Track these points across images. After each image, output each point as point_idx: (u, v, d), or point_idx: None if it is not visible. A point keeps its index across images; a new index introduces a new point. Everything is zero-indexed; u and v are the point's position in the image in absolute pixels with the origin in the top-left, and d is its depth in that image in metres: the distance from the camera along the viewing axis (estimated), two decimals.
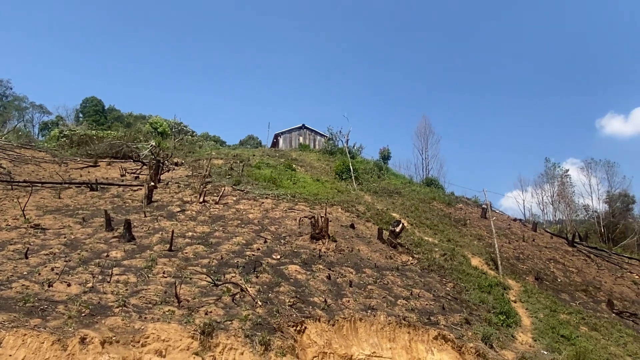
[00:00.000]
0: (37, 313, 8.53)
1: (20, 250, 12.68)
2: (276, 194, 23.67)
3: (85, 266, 12.10)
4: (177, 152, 35.90)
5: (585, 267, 26.51)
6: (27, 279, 10.41)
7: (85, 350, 7.75)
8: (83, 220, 16.91)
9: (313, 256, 16.62)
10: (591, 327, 18.06)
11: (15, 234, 14.17)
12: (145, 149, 30.79)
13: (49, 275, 10.93)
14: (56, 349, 7.53)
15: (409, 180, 42.62)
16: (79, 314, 8.96)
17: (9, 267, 10.94)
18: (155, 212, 19.15)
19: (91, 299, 9.96)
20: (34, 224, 15.38)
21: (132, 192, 22.60)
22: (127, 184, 23.97)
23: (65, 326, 8.21)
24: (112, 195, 21.77)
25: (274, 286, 13.28)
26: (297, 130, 46.98)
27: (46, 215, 17.18)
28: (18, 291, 9.38)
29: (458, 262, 20.82)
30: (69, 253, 13.08)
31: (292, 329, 11.20)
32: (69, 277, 11.01)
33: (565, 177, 50.86)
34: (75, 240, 14.47)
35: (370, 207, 25.68)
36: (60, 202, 19.55)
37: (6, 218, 15.72)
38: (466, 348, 13.24)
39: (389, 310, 13.93)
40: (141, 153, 30.55)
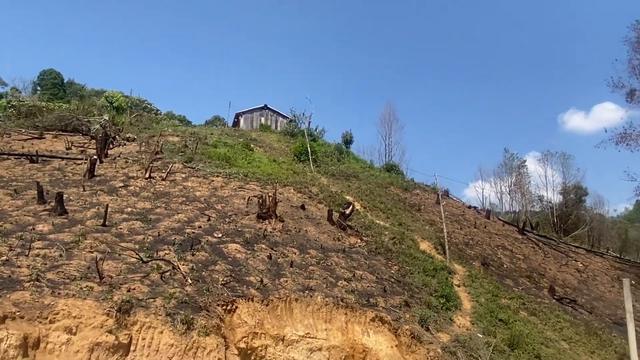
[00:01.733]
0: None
1: None
2: (228, 172, 23.13)
3: (4, 239, 11.42)
4: (132, 127, 34.72)
5: (532, 255, 27.17)
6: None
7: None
8: (15, 192, 16.04)
9: (257, 236, 16.27)
10: (530, 312, 18.47)
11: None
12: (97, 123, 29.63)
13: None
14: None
15: (369, 165, 42.66)
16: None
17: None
18: (96, 186, 18.37)
19: (2, 272, 9.35)
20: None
21: (76, 165, 21.64)
22: (71, 157, 22.93)
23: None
24: (53, 168, 20.80)
25: (209, 265, 12.89)
26: (259, 110, 46.17)
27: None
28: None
29: (407, 245, 20.89)
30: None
31: (221, 308, 10.87)
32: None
33: (522, 167, 52.00)
34: (0, 212, 13.66)
35: (324, 189, 25.46)
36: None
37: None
38: (402, 330, 13.25)
39: (327, 291, 13.77)
40: (92, 127, 29.37)
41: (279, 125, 45.64)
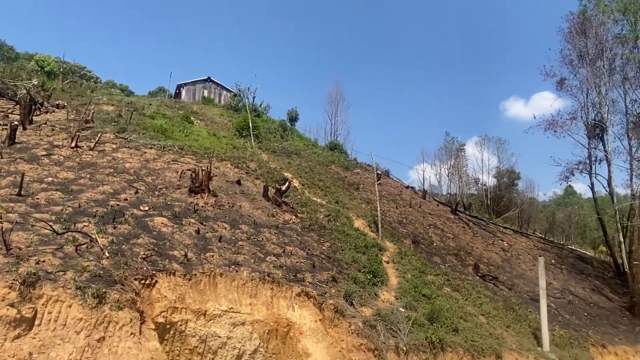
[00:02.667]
0: None
1: None
2: (162, 144, 22.42)
3: None
4: (64, 94, 32.80)
5: (462, 234, 28.34)
6: None
7: None
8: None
9: (187, 210, 15.95)
10: (454, 288, 19.33)
11: None
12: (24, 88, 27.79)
13: None
14: None
15: (313, 143, 42.63)
16: None
17: None
18: (15, 154, 17.30)
19: None
20: None
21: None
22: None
23: None
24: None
25: (131, 238, 12.53)
26: (202, 82, 44.77)
27: None
28: None
29: (341, 223, 21.18)
30: None
31: (138, 282, 10.62)
32: None
33: (460, 151, 53.69)
34: None
35: (263, 165, 25.26)
36: None
37: None
38: (326, 305, 13.51)
39: (255, 266, 13.77)
40: (19, 92, 27.51)
41: (223, 99, 44.56)
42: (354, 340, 12.75)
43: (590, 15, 32.66)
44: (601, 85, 32.04)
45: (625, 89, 31.51)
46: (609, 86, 31.91)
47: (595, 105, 33.03)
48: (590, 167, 33.68)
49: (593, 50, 32.44)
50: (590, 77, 32.43)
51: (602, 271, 33.32)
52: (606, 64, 31.91)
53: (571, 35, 33.70)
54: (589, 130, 33.36)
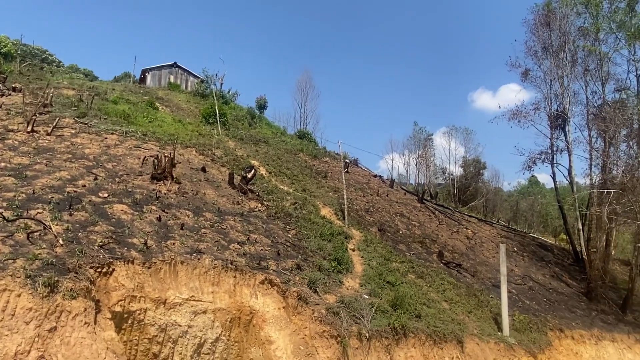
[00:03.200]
0: None
1: None
2: (125, 130, 21.80)
3: None
4: (21, 77, 31.43)
5: (428, 222, 28.74)
6: None
7: None
8: None
9: (149, 197, 15.57)
10: (418, 275, 19.59)
11: None
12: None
13: None
14: None
15: (282, 131, 42.33)
16: None
17: None
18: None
19: None
20: None
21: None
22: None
23: None
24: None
25: (88, 225, 12.13)
26: (168, 68, 43.70)
27: None
28: None
29: (307, 211, 21.12)
30: None
31: (94, 270, 10.29)
32: None
33: (428, 141, 54.41)
34: None
35: (229, 153, 24.90)
36: None
37: None
38: (290, 292, 13.44)
39: (218, 254, 13.57)
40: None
41: (190, 85, 43.65)
42: (317, 327, 12.75)
43: (554, 8, 33.35)
44: (564, 76, 32.87)
45: (586, 81, 32.39)
46: (571, 78, 32.77)
47: (557, 96, 33.88)
48: (552, 157, 34.62)
49: (556, 42, 33.19)
50: (554, 69, 33.20)
51: (561, 258, 34.45)
52: (569, 56, 32.71)
53: (536, 27, 34.36)
54: (551, 121, 34.22)
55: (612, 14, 30.09)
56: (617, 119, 27.05)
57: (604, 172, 28.81)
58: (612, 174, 28.23)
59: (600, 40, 31.53)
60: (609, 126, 27.63)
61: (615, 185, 26.42)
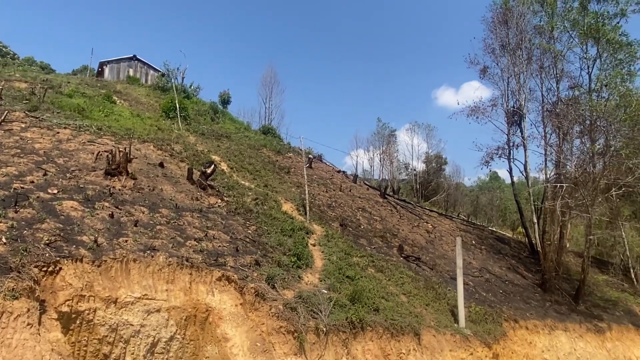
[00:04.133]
0: None
1: None
2: (78, 124, 21.09)
3: None
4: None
5: (389, 217, 29.07)
6: None
7: None
8: None
9: (102, 193, 15.11)
10: (378, 269, 19.78)
11: None
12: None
13: None
14: None
15: (245, 126, 41.93)
16: None
17: None
18: None
19: None
20: None
21: None
22: None
23: None
24: None
25: (34, 223, 11.67)
26: (127, 61, 42.58)
27: None
28: None
29: (269, 206, 20.99)
30: None
31: (38, 269, 9.91)
32: None
33: (391, 137, 54.96)
34: None
35: (189, 148, 24.46)
36: None
37: None
38: (247, 289, 13.33)
39: (173, 251, 13.31)
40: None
41: (150, 78, 42.68)
42: (274, 324, 12.69)
43: (512, 6, 34.23)
44: (520, 74, 33.83)
45: (542, 78, 33.42)
46: (527, 75, 33.76)
47: (514, 93, 34.86)
48: (509, 152, 35.62)
49: (514, 40, 34.10)
50: (511, 66, 34.13)
51: (518, 251, 35.51)
52: (525, 54, 33.66)
53: (494, 25, 35.20)
54: (508, 117, 35.18)
55: (566, 13, 31.04)
56: (570, 115, 28.00)
57: (558, 167, 29.80)
58: (566, 169, 29.22)
59: (555, 38, 32.53)
60: (562, 122, 28.59)
61: (569, 179, 27.36)
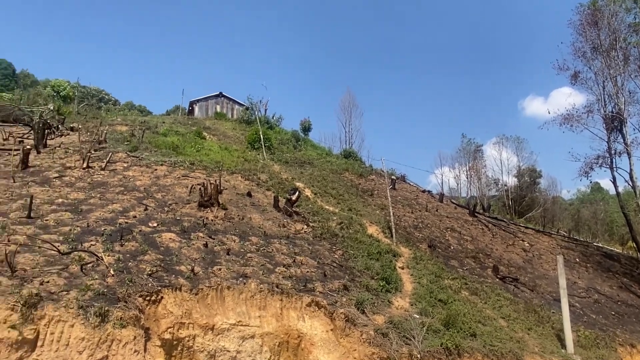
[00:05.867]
0: None
1: None
2: (173, 160, 22.58)
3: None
4: (79, 117, 33.44)
5: (480, 236, 27.75)
6: None
7: None
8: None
9: (196, 224, 15.96)
10: (472, 291, 18.85)
11: None
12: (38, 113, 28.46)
13: None
14: None
15: (327, 152, 42.57)
16: None
17: None
18: (28, 177, 17.60)
19: None
20: None
21: (11, 157, 20.65)
22: (6, 148, 21.88)
23: None
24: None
25: (138, 255, 12.54)
26: (214, 98, 45.27)
27: None
28: None
29: (354, 230, 20.94)
30: None
31: (142, 299, 10.58)
32: None
33: (477, 152, 52.93)
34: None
35: (274, 176, 25.23)
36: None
37: None
38: (337, 314, 13.26)
39: (264, 278, 13.63)
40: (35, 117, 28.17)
41: (235, 113, 44.93)
42: (366, 350, 12.47)
43: (601, 6, 31.94)
44: (617, 75, 31.23)
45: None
46: (625, 76, 31.06)
47: (612, 97, 32.15)
48: (611, 161, 32.71)
49: (606, 40, 31.67)
50: (605, 69, 31.63)
51: (630, 268, 32.21)
52: (620, 54, 31.10)
53: (582, 27, 32.97)
54: (607, 123, 32.46)
55: None
56: None
57: None
58: None
59: None
60: None
61: None
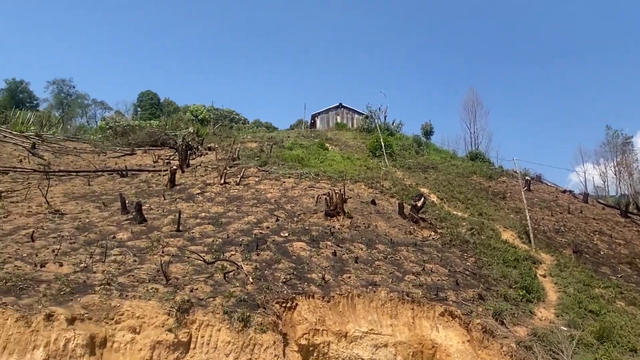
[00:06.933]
0: (14, 292, 8.92)
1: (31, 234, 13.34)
2: (299, 173, 23.52)
3: (87, 247, 12.54)
4: (214, 137, 36.53)
5: (636, 239, 24.45)
6: (24, 260, 10.93)
7: (50, 327, 8.02)
8: (103, 205, 17.56)
9: (324, 233, 16.38)
10: (629, 301, 16.65)
11: (33, 219, 14.93)
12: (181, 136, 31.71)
13: (47, 256, 11.42)
14: (20, 325, 7.85)
15: (451, 155, 41.10)
16: (58, 292, 9.29)
17: (11, 250, 11.54)
18: (175, 195, 19.59)
19: (79, 278, 10.30)
20: (54, 210, 16.15)
21: (160, 177, 23.23)
22: (156, 169, 24.68)
23: (36, 304, 8.52)
24: (140, 180, 22.49)
25: (272, 263, 13.21)
26: (334, 109, 46.44)
27: (70, 201, 18.01)
28: (7, 272, 9.84)
29: (486, 236, 19.84)
30: (77, 235, 13.62)
31: (279, 305, 11.08)
32: (66, 258, 11.45)
33: (626, 145, 46.99)
34: (88, 224, 15.05)
35: (398, 183, 24.98)
36: (89, 189, 20.45)
37: (30, 205, 16.62)
38: (473, 324, 12.61)
39: (393, 286, 13.48)
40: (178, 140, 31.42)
41: (355, 122, 45.57)
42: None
43: None
44: None
45: None
46: None
47: None
48: None
49: None
50: None
51: None
52: None
53: None
54: None
55: None
56: None
57: None
58: None
59: None
60: None
61: None
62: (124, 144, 31.53)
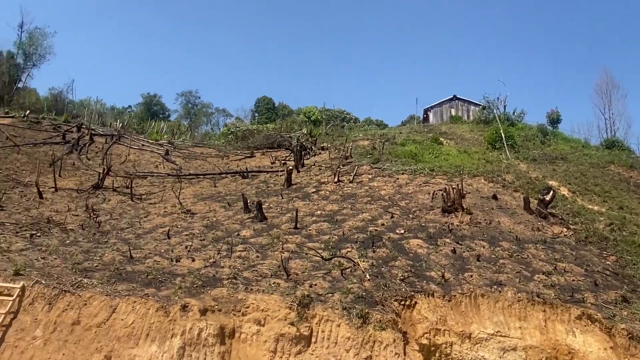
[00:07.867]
0: (154, 284, 9.84)
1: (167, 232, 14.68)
2: (413, 169, 22.99)
3: (215, 244, 13.47)
4: (327, 137, 37.25)
5: None
6: (162, 255, 12.03)
7: (185, 317, 8.69)
8: (228, 205, 18.77)
9: (442, 230, 15.79)
10: None
11: (168, 219, 16.43)
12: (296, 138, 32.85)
13: (181, 252, 12.45)
14: (160, 315, 8.61)
15: (583, 144, 37.39)
16: (191, 285, 10.06)
17: (151, 247, 12.78)
18: (292, 194, 20.30)
19: (208, 272, 11.08)
20: (186, 210, 17.62)
21: (277, 177, 24.26)
22: (274, 170, 25.80)
23: (173, 295, 9.30)
24: (260, 181, 23.70)
25: (389, 260, 13.02)
26: (447, 102, 44.70)
27: (199, 202, 19.53)
28: (148, 266, 10.91)
29: (629, 232, 17.65)
30: (206, 233, 14.70)
31: (397, 303, 10.86)
32: (197, 254, 12.40)
33: None
34: (215, 222, 16.18)
35: (522, 176, 23.28)
36: (215, 190, 22.02)
37: (166, 206, 18.32)
38: (617, 330, 11.22)
39: (521, 286, 12.52)
40: (292, 142, 32.61)
41: (471, 114, 43.44)
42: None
43: None
44: None
45: None
46: None
47: None
48: None
49: None
50: None
51: None
52: None
53: None
54: None
55: None
56: None
57: None
58: None
59: None
60: None
61: None
62: (244, 147, 33.53)
